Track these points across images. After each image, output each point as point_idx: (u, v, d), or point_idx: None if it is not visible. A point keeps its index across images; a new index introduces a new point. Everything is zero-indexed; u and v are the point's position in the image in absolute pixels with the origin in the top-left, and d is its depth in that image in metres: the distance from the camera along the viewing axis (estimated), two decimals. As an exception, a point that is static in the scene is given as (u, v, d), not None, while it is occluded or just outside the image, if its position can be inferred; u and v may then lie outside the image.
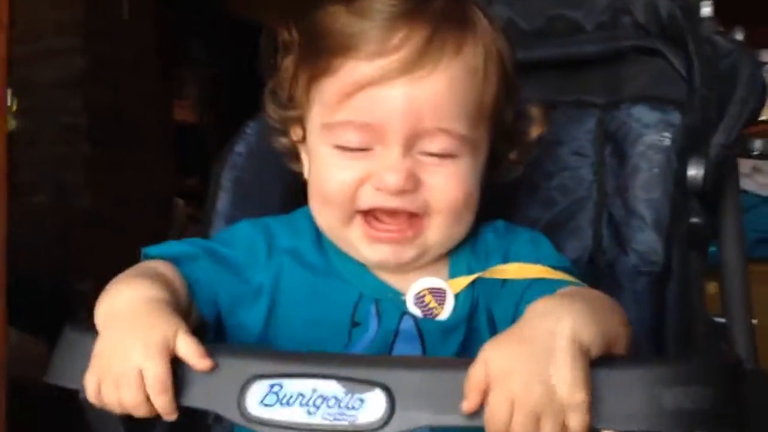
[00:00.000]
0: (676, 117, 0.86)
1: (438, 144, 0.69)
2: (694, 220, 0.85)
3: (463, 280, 0.73)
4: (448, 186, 0.70)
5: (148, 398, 0.58)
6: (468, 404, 0.53)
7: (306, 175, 0.77)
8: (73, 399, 0.66)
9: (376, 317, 0.72)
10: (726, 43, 0.91)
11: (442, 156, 0.70)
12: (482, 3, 1.00)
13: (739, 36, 0.94)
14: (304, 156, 0.78)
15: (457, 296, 0.72)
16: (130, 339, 0.59)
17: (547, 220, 0.91)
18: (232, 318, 0.73)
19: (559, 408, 0.52)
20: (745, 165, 1.94)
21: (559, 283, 0.68)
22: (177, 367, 0.59)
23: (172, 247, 0.74)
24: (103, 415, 0.66)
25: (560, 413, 0.52)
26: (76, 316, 0.72)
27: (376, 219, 0.71)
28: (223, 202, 0.94)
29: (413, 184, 0.69)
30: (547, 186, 0.93)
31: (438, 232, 0.72)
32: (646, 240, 0.83)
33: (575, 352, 0.53)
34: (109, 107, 2.85)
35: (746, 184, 1.95)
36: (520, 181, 0.93)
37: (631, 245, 0.84)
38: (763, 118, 1.00)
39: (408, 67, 0.67)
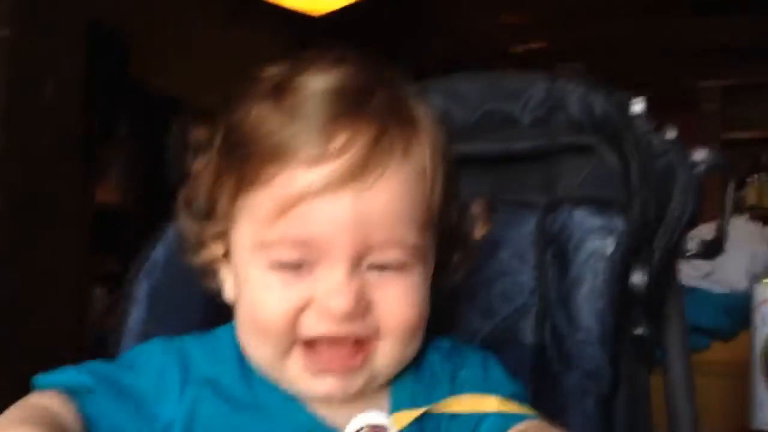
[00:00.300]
0: (619, 222, 0.83)
1: (389, 257, 0.62)
2: (639, 331, 0.81)
3: (408, 416, 0.64)
4: (400, 304, 0.63)
5: None
6: None
7: (226, 295, 0.69)
8: None
9: None
10: (660, 142, 0.89)
11: (393, 269, 0.63)
12: (417, 92, 0.99)
13: (672, 134, 0.93)
14: (224, 272, 0.69)
15: None
16: None
17: (489, 330, 0.86)
18: None
19: None
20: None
21: (514, 418, 0.62)
22: None
23: (68, 375, 0.64)
24: None
25: None
26: None
27: (319, 350, 0.63)
28: (134, 317, 0.84)
29: (363, 307, 0.62)
30: (486, 294, 0.88)
31: (388, 356, 0.64)
32: (592, 356, 0.79)
33: None
34: (26, 188, 2.71)
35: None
36: (459, 289, 0.88)
37: (576, 361, 0.79)
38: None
39: (354, 174, 0.60)
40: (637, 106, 0.92)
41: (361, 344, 0.63)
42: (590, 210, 0.86)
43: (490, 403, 0.64)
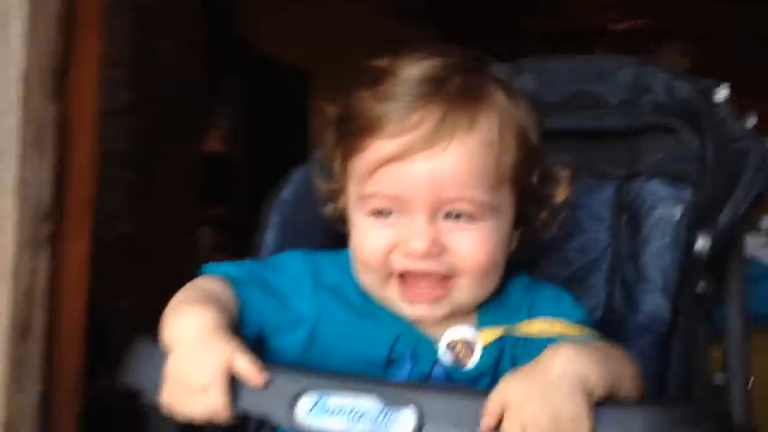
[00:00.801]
0: (687, 193, 0.95)
1: (460, 210, 0.76)
2: (701, 289, 0.91)
3: (492, 333, 0.79)
4: (471, 250, 0.77)
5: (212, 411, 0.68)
6: (485, 423, 0.63)
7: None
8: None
9: (411, 360, 0.78)
10: (738, 128, 0.99)
11: (464, 221, 0.77)
12: (511, 73, 1.11)
13: (752, 122, 1.01)
14: (346, 228, 0.85)
15: (484, 348, 0.79)
16: (195, 363, 0.69)
17: (565, 277, 0.98)
18: (272, 341, 0.81)
19: None
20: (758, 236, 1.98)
21: (578, 340, 0.75)
22: (236, 382, 0.68)
23: (227, 268, 0.84)
24: (160, 418, 0.74)
25: None
26: (114, 330, 0.80)
27: (410, 282, 0.78)
28: (269, 238, 1.03)
29: (439, 248, 0.76)
30: (566, 247, 1.01)
31: (466, 291, 0.78)
32: (654, 301, 0.91)
33: (579, 390, 0.63)
34: (149, 138, 2.95)
35: (761, 253, 1.98)
36: (541, 241, 1.03)
37: (639, 305, 0.92)
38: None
39: (424, 144, 0.75)
40: (721, 93, 1.02)
41: (443, 281, 0.78)
42: (664, 181, 0.98)
43: (557, 327, 0.78)
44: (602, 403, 0.64)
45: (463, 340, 0.79)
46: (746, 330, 0.94)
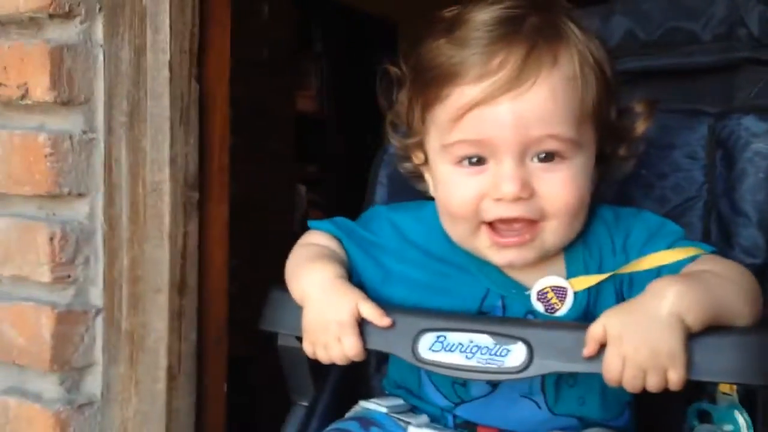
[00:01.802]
0: None
1: (547, 150, 0.75)
2: None
3: (584, 281, 0.80)
4: (561, 191, 0.76)
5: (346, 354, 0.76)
6: (587, 351, 0.67)
7: (431, 192, 0.86)
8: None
9: (502, 309, 0.81)
10: (838, 57, 0.97)
11: (552, 160, 0.76)
12: (603, 15, 1.12)
13: None
14: (427, 176, 0.86)
15: (575, 293, 0.79)
16: (327, 315, 0.76)
17: (661, 215, 1.01)
18: (369, 293, 0.81)
19: (661, 365, 0.66)
20: None
21: (685, 262, 0.76)
22: (364, 322, 0.76)
23: (329, 226, 0.88)
24: (293, 357, 0.86)
25: (662, 369, 0.66)
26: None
27: (500, 228, 0.78)
28: (380, 194, 1.09)
29: (528, 192, 0.75)
30: (661, 185, 1.01)
31: (554, 234, 0.78)
32: (750, 235, 0.92)
33: (677, 325, 0.66)
34: (249, 101, 3.04)
35: None
36: (636, 181, 1.06)
37: (736, 240, 0.93)
38: None
39: (510, 85, 0.73)
40: (819, 22, 1.01)
41: (532, 224, 0.77)
42: (759, 116, 0.97)
43: (662, 258, 0.78)
44: (699, 335, 0.67)
45: (555, 287, 0.80)
46: None
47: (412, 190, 1.00)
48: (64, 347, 1.06)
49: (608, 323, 0.68)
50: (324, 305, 0.77)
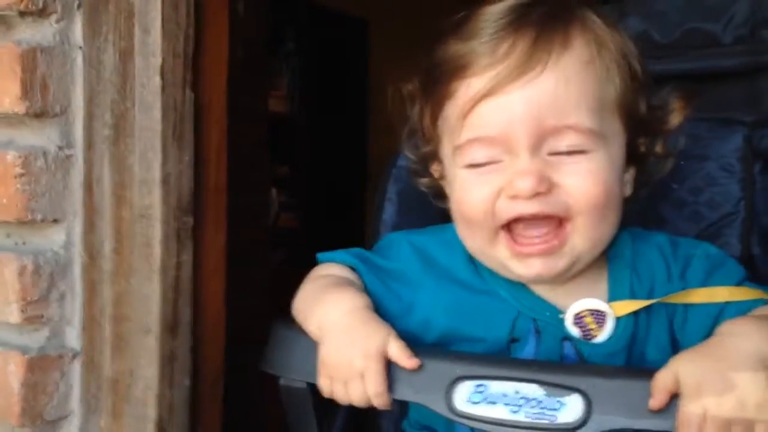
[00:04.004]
0: None
1: (565, 141, 0.70)
2: None
3: (629, 305, 0.74)
4: (584, 183, 0.70)
5: (370, 396, 0.68)
6: (654, 402, 0.60)
7: (451, 206, 0.80)
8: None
9: (535, 335, 0.74)
10: None
11: (571, 153, 0.70)
12: (615, 16, 1.05)
13: None
14: (447, 192, 0.81)
15: (618, 320, 0.73)
16: (351, 349, 0.69)
17: (695, 234, 0.94)
18: None
19: (749, 420, 0.58)
20: None
21: (752, 304, 0.71)
22: (391, 366, 0.68)
23: (341, 255, 0.82)
24: (297, 399, 0.77)
25: (750, 424, 0.59)
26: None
27: (520, 234, 0.72)
28: (389, 212, 1.01)
29: (546, 185, 0.70)
30: (695, 201, 0.97)
31: (584, 235, 0.72)
32: None
33: (763, 369, 0.59)
34: (230, 106, 2.97)
35: None
36: (667, 196, 0.99)
37: None
38: None
39: (518, 72, 0.69)
40: None
41: (557, 229, 0.71)
42: None
43: (723, 293, 0.72)
44: None
45: (593, 311, 0.73)
46: None
47: (424, 208, 0.94)
48: (36, 398, 0.96)
49: (681, 370, 0.61)
50: (348, 337, 0.70)
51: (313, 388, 0.75)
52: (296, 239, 3.55)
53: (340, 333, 0.70)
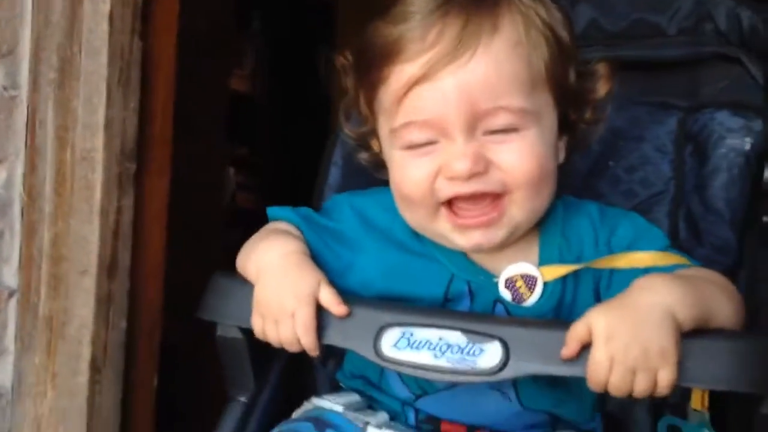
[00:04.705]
0: (758, 124, 0.93)
1: (498, 121, 0.72)
2: (766, 219, 0.93)
3: (556, 270, 0.76)
4: (518, 160, 0.72)
5: (298, 336, 0.70)
6: (566, 351, 0.63)
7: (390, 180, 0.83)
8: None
9: (469, 296, 0.77)
10: (804, 56, 0.97)
11: (505, 132, 0.72)
12: (566, 4, 1.09)
13: None
14: (388, 167, 0.82)
15: (546, 284, 0.76)
16: (284, 289, 0.71)
17: (628, 209, 0.99)
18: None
19: (652, 366, 0.62)
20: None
21: (676, 268, 0.74)
22: (321, 313, 0.70)
23: (288, 213, 0.83)
24: (233, 349, 0.80)
25: (653, 370, 0.62)
26: None
27: (461, 207, 0.75)
28: (334, 176, 1.03)
29: (483, 165, 0.72)
30: (629, 179, 1.00)
31: (521, 206, 0.74)
32: (722, 234, 0.91)
33: (668, 323, 0.62)
34: (182, 75, 2.93)
35: None
36: (604, 174, 1.03)
37: (707, 238, 0.92)
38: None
39: (449, 58, 0.71)
40: (786, 20, 1.00)
41: (495, 201, 0.74)
42: (731, 112, 0.97)
43: (646, 258, 0.75)
44: (690, 335, 0.63)
45: (524, 275, 0.77)
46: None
47: (368, 172, 0.95)
48: (-30, 333, 0.96)
49: (593, 321, 0.63)
50: (282, 278, 0.72)
51: (249, 340, 0.77)
52: (253, 220, 3.52)
53: (275, 274, 0.72)
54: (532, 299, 0.76)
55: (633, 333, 0.62)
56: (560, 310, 0.77)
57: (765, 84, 0.97)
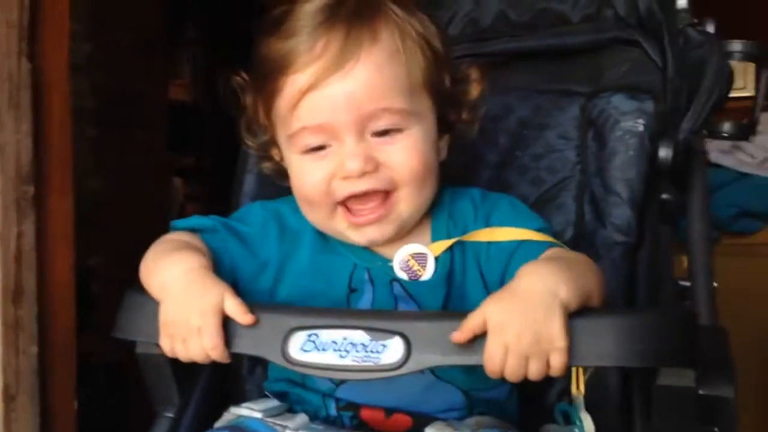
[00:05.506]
0: (650, 105, 0.97)
1: (383, 122, 0.79)
2: (665, 196, 0.96)
3: (442, 244, 0.84)
4: (404, 159, 0.80)
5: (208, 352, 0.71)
6: (458, 336, 0.66)
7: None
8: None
9: (370, 283, 0.83)
10: (697, 35, 1.00)
11: (390, 132, 0.79)
12: None
13: (710, 28, 1.03)
14: (289, 173, 0.88)
15: (437, 258, 0.83)
16: (188, 307, 0.72)
17: (536, 197, 1.01)
18: (242, 286, 0.83)
19: (543, 352, 0.65)
20: (725, 143, 2.01)
21: (542, 245, 0.80)
22: (228, 322, 0.71)
23: (197, 221, 0.86)
24: (155, 365, 0.81)
25: (545, 354, 0.65)
26: (90, 289, 0.83)
27: (354, 207, 0.81)
28: (249, 184, 1.05)
29: (373, 165, 0.79)
30: (536, 167, 1.03)
31: (407, 202, 0.82)
32: (622, 215, 0.94)
33: (557, 307, 0.65)
34: (114, 88, 2.89)
35: (726, 160, 1.98)
36: (512, 163, 1.05)
37: (608, 219, 0.95)
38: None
39: (335, 66, 0.77)
40: (681, 0, 1.04)
41: (385, 198, 0.80)
42: (627, 95, 1.00)
43: (521, 233, 0.82)
44: (576, 314, 0.66)
45: (416, 254, 0.83)
46: (708, 235, 0.98)
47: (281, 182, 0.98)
48: None
49: (488, 311, 0.66)
50: (185, 296, 0.73)
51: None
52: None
53: (178, 292, 0.73)
54: (427, 274, 0.82)
55: (524, 321, 0.65)
56: (452, 278, 0.83)
57: (663, 65, 1.00)
